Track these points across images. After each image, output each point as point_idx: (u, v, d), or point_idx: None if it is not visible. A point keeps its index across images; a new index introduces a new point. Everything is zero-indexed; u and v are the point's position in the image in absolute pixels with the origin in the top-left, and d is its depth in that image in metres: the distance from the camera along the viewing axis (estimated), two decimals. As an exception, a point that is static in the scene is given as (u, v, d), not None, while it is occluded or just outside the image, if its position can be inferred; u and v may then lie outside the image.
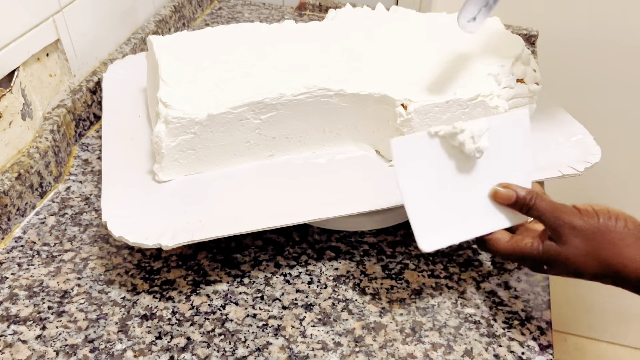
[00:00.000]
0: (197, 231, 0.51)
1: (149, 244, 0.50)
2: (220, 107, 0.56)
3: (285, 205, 0.55)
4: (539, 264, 0.48)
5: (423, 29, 0.69)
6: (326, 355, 0.49)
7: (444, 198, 0.49)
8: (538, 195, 0.48)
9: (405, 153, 0.47)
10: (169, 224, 0.53)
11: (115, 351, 0.48)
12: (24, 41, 0.61)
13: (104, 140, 0.63)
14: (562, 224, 0.46)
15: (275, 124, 0.60)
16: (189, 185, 0.58)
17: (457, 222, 0.49)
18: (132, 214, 0.53)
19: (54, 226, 0.60)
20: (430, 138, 0.47)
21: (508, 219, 0.50)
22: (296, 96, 0.58)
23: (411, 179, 0.47)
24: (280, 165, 0.61)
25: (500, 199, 0.49)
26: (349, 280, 0.56)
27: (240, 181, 0.59)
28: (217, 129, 0.57)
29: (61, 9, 0.67)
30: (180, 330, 0.50)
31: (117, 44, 0.81)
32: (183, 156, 0.57)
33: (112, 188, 0.56)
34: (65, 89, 0.71)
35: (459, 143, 0.47)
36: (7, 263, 0.56)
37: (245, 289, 0.54)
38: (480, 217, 0.50)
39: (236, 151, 0.60)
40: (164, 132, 0.55)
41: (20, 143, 0.61)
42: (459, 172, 0.49)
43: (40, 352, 0.48)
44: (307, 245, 0.59)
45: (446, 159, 0.48)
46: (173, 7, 0.93)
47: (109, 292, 0.53)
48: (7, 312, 0.51)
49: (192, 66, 0.61)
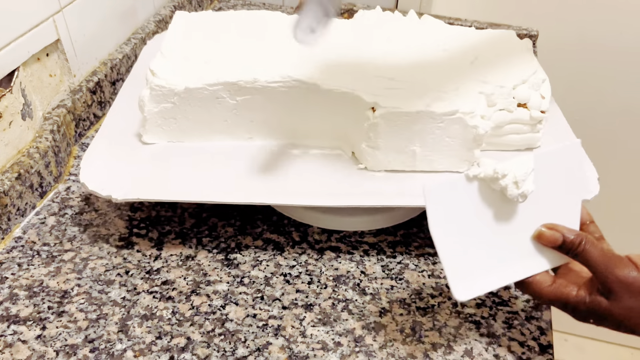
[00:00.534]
0: (152, 192, 0.55)
1: (102, 194, 0.55)
2: (197, 82, 0.59)
3: (245, 186, 0.57)
4: (585, 317, 0.44)
5: (437, 38, 0.67)
6: (326, 355, 0.49)
7: (480, 242, 0.45)
8: (588, 240, 0.43)
9: (439, 197, 0.44)
10: (133, 181, 0.57)
11: (115, 351, 0.48)
12: (24, 41, 0.61)
13: (117, 99, 0.68)
14: (613, 280, 0.41)
15: (251, 107, 0.61)
16: (168, 151, 0.62)
17: (494, 266, 0.45)
18: (106, 165, 0.59)
19: (54, 226, 0.60)
20: (467, 182, 0.44)
21: (550, 261, 0.46)
22: (270, 83, 0.59)
23: (445, 224, 0.44)
24: (256, 148, 0.63)
25: (545, 241, 0.45)
26: (349, 280, 0.56)
27: (213, 156, 0.62)
28: (194, 102, 0.60)
29: (61, 9, 0.67)
30: (180, 330, 0.50)
31: (117, 44, 0.81)
32: (165, 123, 0.62)
33: (101, 140, 0.62)
34: (65, 89, 0.71)
35: (500, 188, 0.44)
36: (7, 263, 0.56)
37: (245, 289, 0.54)
38: (519, 259, 0.46)
39: (216, 128, 0.63)
40: (147, 98, 0.60)
41: (20, 143, 0.62)
42: (498, 214, 0.45)
43: (40, 352, 0.48)
44: (307, 245, 0.59)
45: (484, 202, 0.45)
46: (173, 7, 0.93)
47: (109, 292, 0.53)
48: (7, 312, 0.51)
49: (193, 43, 0.65)
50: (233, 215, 0.62)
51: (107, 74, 0.76)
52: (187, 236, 0.60)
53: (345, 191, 0.57)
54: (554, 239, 0.45)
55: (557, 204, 0.46)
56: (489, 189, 0.45)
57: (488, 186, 0.45)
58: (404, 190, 0.57)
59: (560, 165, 0.46)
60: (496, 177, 0.44)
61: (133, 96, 0.65)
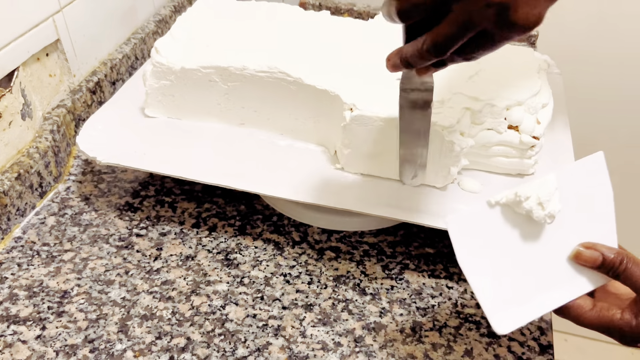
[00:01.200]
0: (133, 160, 0.59)
1: (89, 155, 0.59)
2: (193, 64, 0.61)
3: (219, 168, 0.59)
4: (632, 341, 0.42)
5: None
6: (326, 355, 0.49)
7: (513, 270, 0.43)
8: (630, 258, 0.41)
9: (463, 230, 0.42)
10: (121, 148, 0.60)
11: (115, 351, 0.48)
12: (24, 41, 0.61)
13: (136, 74, 0.73)
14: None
15: (241, 94, 0.63)
16: (165, 126, 0.65)
17: (532, 294, 0.43)
18: (105, 131, 0.63)
19: (54, 226, 0.60)
20: (490, 208, 0.42)
21: (590, 283, 0.43)
22: (257, 72, 0.60)
23: (474, 256, 0.42)
24: (245, 135, 0.64)
25: (584, 261, 0.43)
26: (349, 280, 0.56)
27: (202, 136, 0.64)
28: (190, 83, 0.63)
29: (61, 8, 0.67)
30: (180, 330, 0.50)
31: (117, 44, 0.81)
32: (165, 99, 0.65)
33: (109, 108, 0.66)
34: (65, 89, 0.71)
35: (525, 211, 0.42)
36: (7, 263, 0.56)
37: (245, 289, 0.54)
38: (556, 283, 0.43)
39: (209, 110, 0.65)
40: (149, 73, 0.63)
41: (20, 143, 0.61)
42: (528, 238, 0.43)
43: (40, 352, 0.48)
44: (307, 245, 0.59)
45: (512, 227, 0.43)
46: (173, 7, 0.93)
47: (108, 292, 0.53)
48: (7, 312, 0.51)
49: (203, 27, 0.67)
50: (233, 215, 0.62)
51: (106, 74, 0.76)
52: (187, 236, 0.60)
53: (311, 188, 0.57)
54: (594, 259, 0.42)
55: (589, 221, 0.44)
56: (514, 213, 0.43)
57: (513, 211, 0.43)
58: (368, 197, 0.56)
59: (586, 180, 0.44)
60: (519, 200, 0.42)
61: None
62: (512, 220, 0.43)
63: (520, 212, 0.42)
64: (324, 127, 0.62)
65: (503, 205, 0.43)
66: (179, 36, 0.65)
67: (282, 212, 0.63)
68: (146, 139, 0.62)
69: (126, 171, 0.67)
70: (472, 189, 0.58)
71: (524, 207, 0.42)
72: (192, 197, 0.64)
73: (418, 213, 0.55)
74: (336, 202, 0.55)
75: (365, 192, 0.57)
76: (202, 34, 0.66)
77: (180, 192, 0.65)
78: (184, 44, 0.64)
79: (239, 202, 0.64)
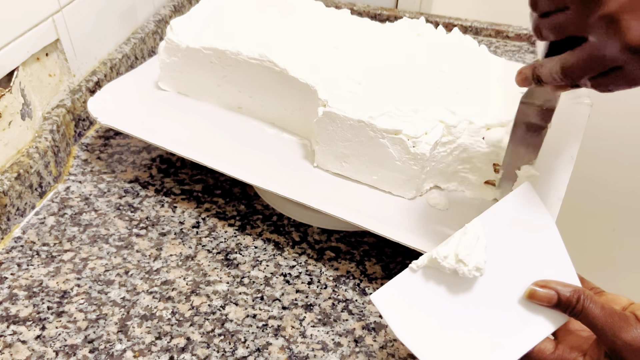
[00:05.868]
0: (128, 127, 0.62)
1: (94, 115, 0.63)
2: (196, 44, 0.65)
3: (205, 147, 0.61)
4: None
5: (451, 59, 0.63)
6: (326, 355, 0.49)
7: (463, 329, 0.40)
8: (587, 296, 0.38)
9: (393, 303, 0.40)
10: (124, 115, 0.64)
11: (115, 351, 0.48)
12: (24, 41, 0.61)
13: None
14: (622, 345, 0.36)
15: (237, 78, 0.65)
16: (173, 100, 0.69)
17: (491, 350, 0.40)
18: (115, 98, 0.67)
19: (54, 226, 0.60)
20: (413, 274, 0.41)
21: (551, 323, 0.40)
22: (249, 59, 0.62)
23: (414, 328, 0.40)
24: (238, 119, 0.67)
25: (539, 300, 0.40)
26: (349, 280, 0.56)
27: (200, 115, 0.67)
28: (194, 62, 0.66)
29: (61, 8, 0.67)
30: (180, 330, 0.50)
31: (117, 44, 0.81)
32: (175, 75, 0.69)
33: (127, 78, 0.71)
34: (65, 88, 0.71)
35: (449, 270, 0.40)
36: (6, 263, 0.56)
37: (245, 289, 0.54)
38: (514, 332, 0.40)
39: (211, 90, 0.68)
40: (162, 48, 0.67)
41: (20, 143, 0.61)
42: (470, 292, 0.40)
43: (40, 353, 0.48)
44: (307, 245, 0.59)
45: (447, 286, 0.40)
46: (173, 7, 0.93)
47: (108, 292, 0.53)
48: (7, 313, 0.51)
49: (221, 11, 0.70)
50: (233, 215, 0.62)
51: (106, 74, 0.75)
52: (187, 236, 0.60)
53: (283, 179, 0.57)
54: (549, 298, 0.39)
55: (540, 257, 0.41)
56: (441, 272, 0.40)
57: (439, 270, 0.40)
58: (330, 196, 0.56)
59: (522, 214, 0.41)
60: (436, 260, 0.40)
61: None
62: (443, 279, 0.40)
63: (446, 272, 0.40)
64: (308, 121, 0.62)
65: (426, 268, 0.41)
66: (196, 17, 0.68)
67: (282, 212, 0.63)
68: (152, 111, 0.66)
69: (126, 171, 0.67)
70: (438, 206, 0.57)
71: (445, 268, 0.40)
72: (192, 197, 0.64)
73: (380, 222, 0.53)
74: (301, 197, 0.54)
75: (333, 192, 0.57)
76: (218, 18, 0.68)
77: (180, 192, 0.65)
78: (198, 26, 0.67)
79: (239, 202, 0.64)
